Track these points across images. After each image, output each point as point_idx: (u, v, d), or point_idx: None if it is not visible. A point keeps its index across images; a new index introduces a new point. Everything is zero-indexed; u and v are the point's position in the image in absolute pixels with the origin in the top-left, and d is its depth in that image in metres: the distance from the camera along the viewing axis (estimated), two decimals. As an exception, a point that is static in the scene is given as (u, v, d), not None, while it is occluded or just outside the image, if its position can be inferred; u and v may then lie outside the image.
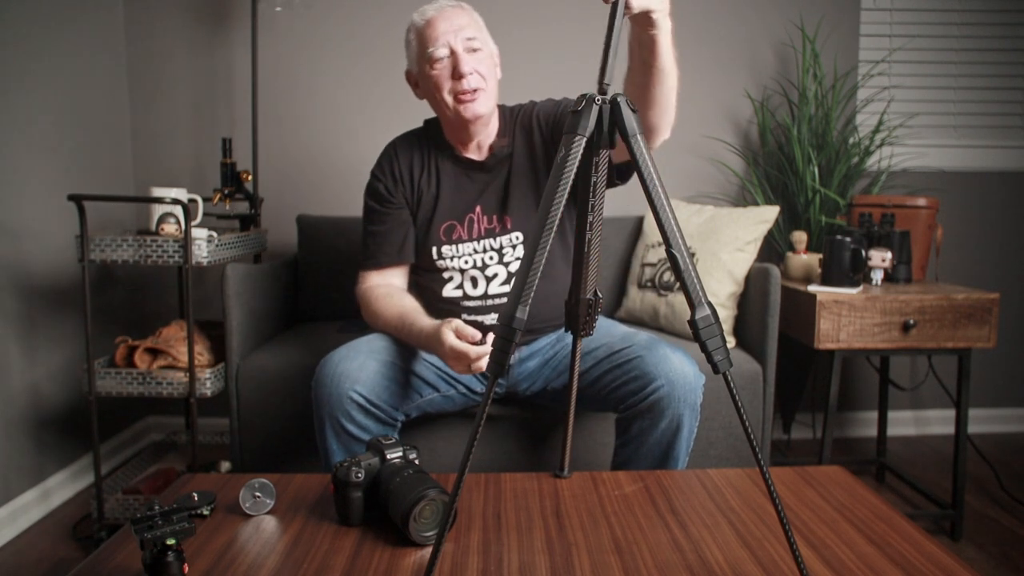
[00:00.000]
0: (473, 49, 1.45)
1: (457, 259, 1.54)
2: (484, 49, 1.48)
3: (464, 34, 1.45)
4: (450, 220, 1.55)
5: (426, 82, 1.50)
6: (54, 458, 2.10)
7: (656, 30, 1.07)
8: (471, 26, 1.47)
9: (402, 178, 1.58)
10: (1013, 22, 2.63)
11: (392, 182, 1.58)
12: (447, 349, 1.30)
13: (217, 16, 2.49)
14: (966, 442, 1.94)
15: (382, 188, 1.58)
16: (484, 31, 1.51)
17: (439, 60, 1.45)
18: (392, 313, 1.48)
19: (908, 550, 1.00)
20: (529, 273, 0.89)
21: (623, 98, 0.92)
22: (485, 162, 1.55)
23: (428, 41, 1.45)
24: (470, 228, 1.54)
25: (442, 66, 1.45)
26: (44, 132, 2.07)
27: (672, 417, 1.35)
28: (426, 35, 1.46)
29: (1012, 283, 2.73)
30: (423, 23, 1.47)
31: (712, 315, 0.89)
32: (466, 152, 1.56)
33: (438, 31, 1.44)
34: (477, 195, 1.55)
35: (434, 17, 1.46)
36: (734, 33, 2.57)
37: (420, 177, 1.57)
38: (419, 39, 1.48)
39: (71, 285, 2.16)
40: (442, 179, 1.57)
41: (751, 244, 1.95)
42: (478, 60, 1.46)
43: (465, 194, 1.56)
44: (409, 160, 1.58)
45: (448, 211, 1.55)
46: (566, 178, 0.90)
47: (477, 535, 1.04)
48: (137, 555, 0.93)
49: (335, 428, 1.39)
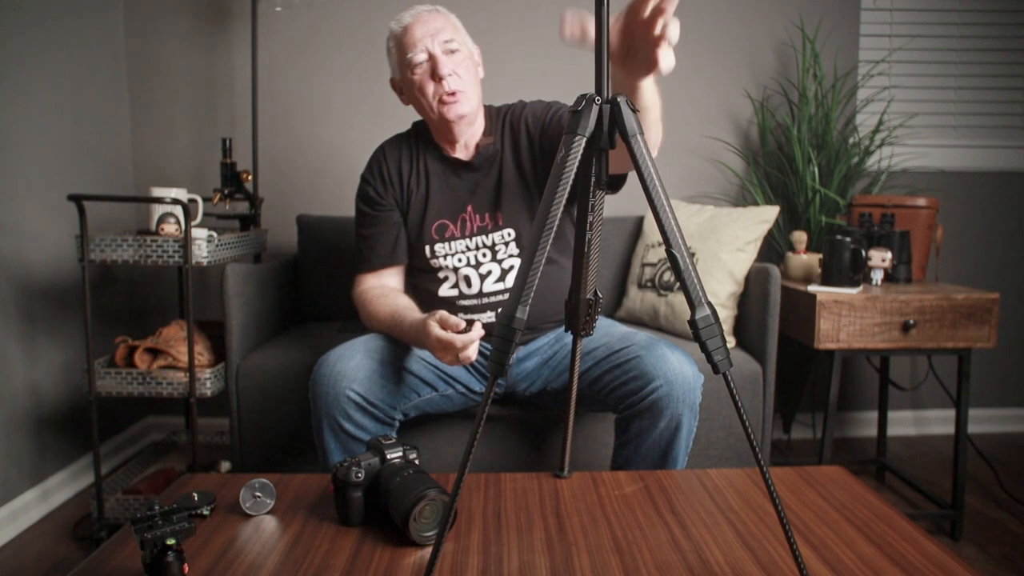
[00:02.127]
0: (451, 51, 1.48)
1: (451, 256, 1.55)
2: (462, 50, 1.50)
3: (441, 37, 1.47)
4: (442, 219, 1.56)
5: (409, 87, 1.53)
6: (54, 458, 2.10)
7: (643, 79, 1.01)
8: (447, 29, 1.49)
9: (391, 180, 1.60)
10: (1013, 22, 2.63)
11: (382, 185, 1.60)
12: (433, 340, 1.30)
13: (217, 16, 2.49)
14: (966, 442, 1.94)
15: (371, 191, 1.60)
16: (462, 32, 1.54)
17: (419, 64, 1.48)
18: (385, 312, 1.50)
19: (908, 550, 1.00)
20: (529, 273, 0.89)
21: (623, 98, 0.92)
22: (472, 161, 1.57)
23: (406, 47, 1.48)
24: (463, 226, 1.56)
25: (422, 70, 1.48)
26: (44, 132, 2.07)
27: (671, 417, 1.36)
28: (404, 42, 1.49)
29: (1012, 283, 2.73)
30: (401, 30, 1.50)
31: (712, 315, 0.88)
32: (453, 152, 1.58)
33: (415, 36, 1.47)
34: (468, 194, 1.57)
35: (411, 23, 1.49)
36: (734, 33, 2.57)
37: (409, 178, 1.59)
38: (398, 46, 1.51)
39: (71, 285, 2.16)
40: (431, 179, 1.58)
41: (751, 244, 1.95)
42: (456, 62, 1.48)
43: (455, 193, 1.57)
44: (398, 162, 1.61)
45: (439, 210, 1.57)
46: (566, 178, 0.90)
47: (477, 535, 1.04)
48: (137, 555, 0.93)
49: (333, 427, 1.39)
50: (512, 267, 1.55)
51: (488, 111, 1.62)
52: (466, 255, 1.55)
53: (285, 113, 2.53)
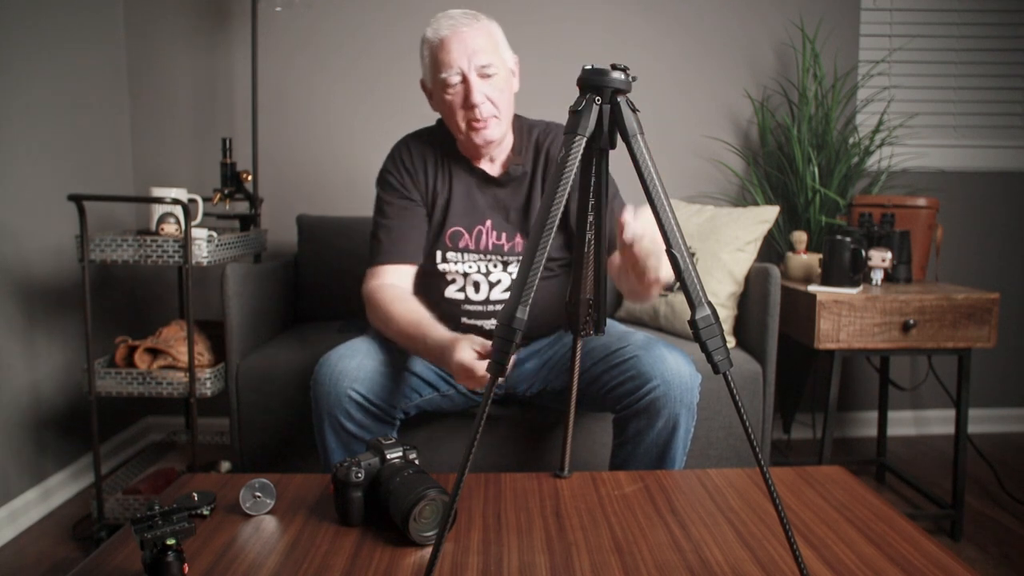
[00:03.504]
0: (487, 75, 1.41)
1: (461, 264, 1.52)
2: (499, 73, 1.43)
3: (477, 60, 1.40)
4: (458, 227, 1.53)
5: (439, 103, 1.48)
6: (54, 458, 2.10)
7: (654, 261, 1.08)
8: (486, 49, 1.41)
9: (416, 174, 1.54)
10: (1013, 22, 2.63)
11: (408, 178, 1.54)
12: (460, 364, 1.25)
13: (217, 16, 2.49)
14: (966, 442, 1.94)
15: (395, 181, 1.54)
16: (500, 46, 1.46)
17: (452, 86, 1.42)
18: (406, 319, 1.41)
19: (908, 550, 1.00)
20: (529, 273, 0.89)
21: (623, 99, 0.92)
22: (499, 178, 1.53)
23: (440, 65, 1.41)
24: (477, 240, 1.52)
25: (454, 92, 1.42)
26: (44, 132, 2.07)
27: (668, 417, 1.35)
28: (439, 59, 1.42)
29: (1012, 283, 2.73)
30: (437, 42, 1.42)
31: (712, 315, 0.88)
32: (479, 163, 1.54)
33: (451, 55, 1.40)
34: (488, 208, 1.53)
35: (448, 38, 1.41)
36: (734, 33, 2.57)
37: (435, 179, 1.54)
38: (432, 59, 1.44)
39: (71, 285, 2.16)
40: (455, 184, 1.54)
41: (751, 244, 1.95)
42: (491, 86, 1.42)
43: (476, 205, 1.53)
44: (423, 158, 1.55)
45: (458, 217, 1.52)
46: (566, 178, 0.90)
47: (477, 535, 1.04)
48: (137, 555, 0.93)
49: (334, 427, 1.39)
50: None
51: (518, 127, 1.55)
52: (478, 263, 1.52)
53: (285, 113, 2.53)
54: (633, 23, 2.53)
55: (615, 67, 0.93)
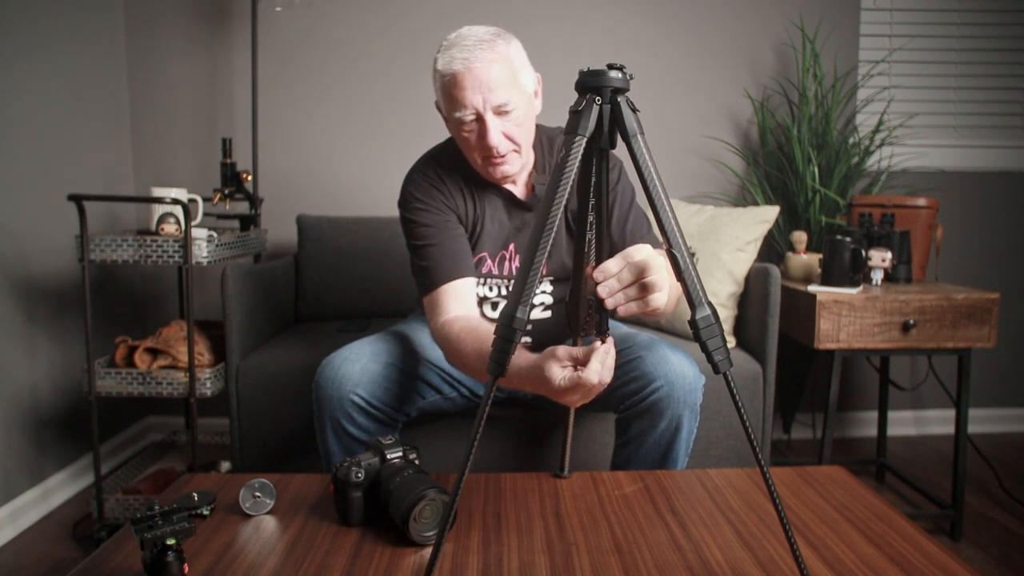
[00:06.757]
0: (504, 112, 1.30)
1: (481, 288, 1.49)
2: (518, 108, 1.31)
3: (494, 100, 1.28)
4: (484, 253, 1.48)
5: (455, 135, 1.40)
6: (54, 458, 2.10)
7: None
8: (502, 84, 1.28)
9: (447, 193, 1.44)
10: (1013, 22, 2.63)
11: (440, 194, 1.44)
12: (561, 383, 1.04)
13: (217, 16, 2.49)
14: (966, 442, 1.94)
15: (425, 200, 1.43)
16: (520, 74, 1.33)
17: (466, 123, 1.32)
18: (484, 357, 1.15)
19: (908, 550, 1.00)
20: (529, 273, 0.89)
21: (623, 98, 0.92)
22: (527, 201, 1.47)
23: (454, 103, 1.30)
24: (500, 265, 1.48)
25: (469, 130, 1.33)
26: (44, 132, 2.07)
27: (671, 418, 1.35)
28: (452, 95, 1.30)
29: (1012, 283, 2.73)
30: (449, 77, 1.29)
31: (712, 315, 0.88)
32: (503, 185, 1.46)
33: (465, 94, 1.28)
34: (514, 232, 1.48)
35: (460, 75, 1.28)
36: (734, 33, 2.57)
37: (464, 200, 1.46)
38: (445, 93, 1.32)
39: (71, 285, 2.16)
40: (486, 207, 1.46)
41: (751, 244, 1.95)
42: (510, 121, 1.32)
43: (503, 228, 1.48)
44: (449, 181, 1.45)
45: (485, 244, 1.47)
46: (566, 178, 0.90)
47: (477, 535, 1.04)
48: (137, 555, 0.93)
49: (336, 430, 1.39)
50: (542, 303, 1.50)
51: (539, 141, 1.47)
52: (498, 287, 1.49)
53: (285, 113, 2.53)
54: (633, 23, 2.53)
55: (612, 66, 0.93)
